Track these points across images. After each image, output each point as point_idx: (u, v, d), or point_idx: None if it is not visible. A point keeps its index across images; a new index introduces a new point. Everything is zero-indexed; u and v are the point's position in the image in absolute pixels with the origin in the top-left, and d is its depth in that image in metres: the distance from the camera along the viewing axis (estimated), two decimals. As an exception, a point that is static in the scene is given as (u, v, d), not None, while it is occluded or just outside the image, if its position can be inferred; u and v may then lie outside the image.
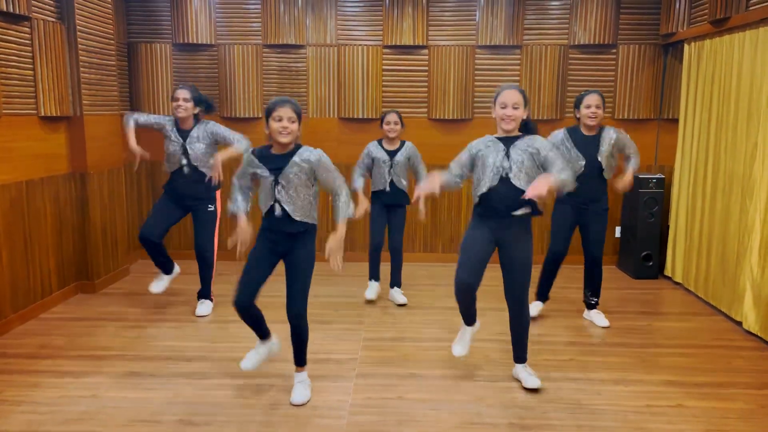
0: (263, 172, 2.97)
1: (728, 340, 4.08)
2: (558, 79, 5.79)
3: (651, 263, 5.50)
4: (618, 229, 5.96)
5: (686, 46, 5.21)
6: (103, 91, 5.03)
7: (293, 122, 2.89)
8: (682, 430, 2.89)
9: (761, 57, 4.11)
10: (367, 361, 3.68)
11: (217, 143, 4.31)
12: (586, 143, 4.05)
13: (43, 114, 4.43)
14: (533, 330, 4.00)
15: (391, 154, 4.57)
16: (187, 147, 4.24)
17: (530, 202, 3.05)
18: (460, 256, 3.21)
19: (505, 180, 3.07)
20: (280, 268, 3.11)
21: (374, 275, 4.79)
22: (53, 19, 4.52)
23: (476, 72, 5.85)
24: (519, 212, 3.07)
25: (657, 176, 5.43)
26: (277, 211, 2.97)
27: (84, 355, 3.72)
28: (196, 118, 4.30)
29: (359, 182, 4.62)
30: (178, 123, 4.28)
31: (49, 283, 4.58)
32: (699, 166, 4.98)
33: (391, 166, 4.56)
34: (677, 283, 5.32)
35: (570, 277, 5.27)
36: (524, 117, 3.12)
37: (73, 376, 3.44)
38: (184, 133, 4.26)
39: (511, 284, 3.22)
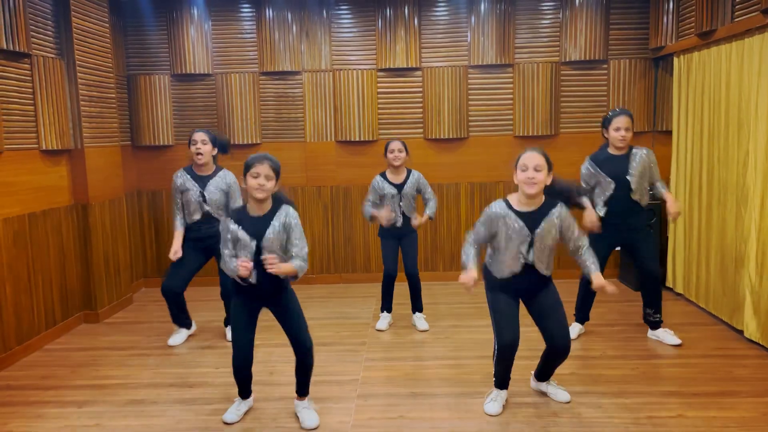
0: (243, 236, 2.91)
1: (730, 349, 4.07)
2: (551, 95, 5.86)
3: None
4: (617, 242, 5.97)
5: (676, 59, 5.28)
6: (103, 124, 5.13)
7: (270, 180, 2.86)
8: (684, 441, 2.89)
9: (748, 67, 4.16)
10: (368, 382, 3.70)
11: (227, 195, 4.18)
12: (615, 162, 3.99)
13: (44, 148, 4.52)
14: (530, 344, 4.01)
15: (399, 187, 4.42)
16: (206, 195, 4.12)
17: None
18: (497, 319, 3.11)
19: (529, 267, 3.03)
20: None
21: (387, 306, 4.67)
22: (53, 56, 4.64)
23: (470, 91, 5.93)
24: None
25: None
26: (255, 277, 2.92)
27: (87, 385, 3.75)
28: (215, 162, 4.21)
29: (369, 209, 4.46)
30: (192, 170, 4.18)
31: (53, 314, 4.62)
32: (694, 177, 5.02)
33: (400, 200, 4.42)
34: (678, 294, 5.32)
35: (567, 291, 5.27)
36: (548, 182, 2.97)
37: (77, 405, 3.46)
38: (201, 180, 4.14)
39: (550, 330, 3.10)
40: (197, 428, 3.15)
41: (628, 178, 3.97)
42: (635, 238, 4.08)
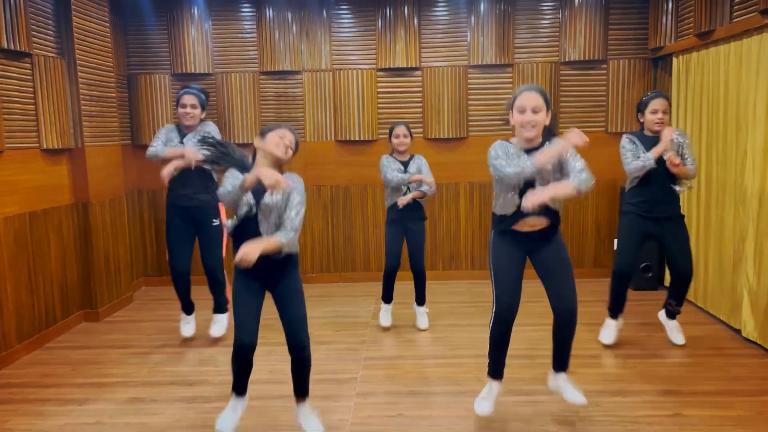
0: (248, 198, 2.75)
1: (728, 348, 4.09)
2: (551, 94, 5.87)
3: (650, 274, 5.52)
4: (615, 241, 5.98)
5: (674, 59, 5.29)
6: (103, 123, 5.14)
7: (291, 148, 2.82)
8: (681, 439, 2.91)
9: (746, 67, 4.18)
10: (367, 380, 3.71)
11: None
12: (652, 145, 3.78)
13: (45, 147, 4.53)
14: (530, 344, 4.03)
15: (404, 164, 4.44)
16: (185, 142, 4.12)
17: (548, 213, 2.81)
18: (497, 280, 2.90)
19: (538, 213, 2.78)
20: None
21: (387, 298, 4.59)
22: (54, 55, 4.65)
23: (469, 91, 5.94)
24: (535, 220, 2.82)
25: (652, 188, 5.47)
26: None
27: (88, 383, 3.77)
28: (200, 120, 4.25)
29: (402, 175, 4.33)
30: (179, 128, 4.21)
31: (54, 313, 4.64)
32: (692, 177, 5.03)
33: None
34: (677, 293, 5.33)
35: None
36: (546, 122, 2.75)
37: (77, 403, 3.48)
38: (183, 135, 4.20)
39: (555, 288, 2.86)
40: (197, 426, 3.17)
41: (665, 158, 3.72)
42: (667, 231, 3.87)
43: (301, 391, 3.00)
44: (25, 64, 4.37)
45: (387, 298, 4.61)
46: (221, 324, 4.45)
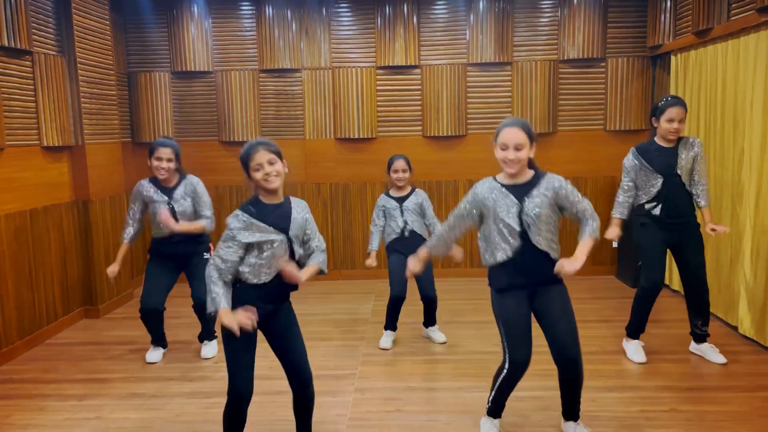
0: (270, 236, 2.46)
1: (725, 345, 4.09)
2: (549, 93, 5.89)
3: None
4: (614, 242, 6.01)
5: (673, 57, 5.31)
6: (103, 121, 5.17)
7: (274, 164, 2.46)
8: (676, 434, 2.94)
9: (743, 65, 4.20)
10: (366, 376, 3.74)
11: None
12: (664, 155, 3.66)
13: (45, 144, 4.56)
14: (542, 338, 4.05)
15: (400, 200, 4.18)
16: (174, 207, 3.85)
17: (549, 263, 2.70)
18: (508, 332, 2.74)
19: (526, 242, 2.67)
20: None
21: (391, 326, 4.28)
22: (54, 53, 4.67)
23: (468, 89, 5.97)
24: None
25: (650, 185, 5.49)
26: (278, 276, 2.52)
27: (88, 379, 3.79)
28: (180, 172, 3.95)
29: (375, 242, 4.24)
30: (156, 182, 3.90)
31: (54, 309, 4.66)
32: (690, 174, 5.04)
33: (402, 213, 4.16)
34: (675, 291, 5.35)
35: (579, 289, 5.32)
36: (531, 155, 2.68)
37: (78, 399, 3.51)
38: (167, 191, 3.88)
39: (557, 337, 2.73)
40: (197, 421, 3.20)
41: (678, 170, 3.65)
42: (684, 239, 3.74)
43: (306, 431, 2.76)
44: (25, 61, 4.39)
45: (392, 326, 4.28)
46: (213, 347, 4.19)
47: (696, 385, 3.49)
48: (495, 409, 2.93)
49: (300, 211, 2.59)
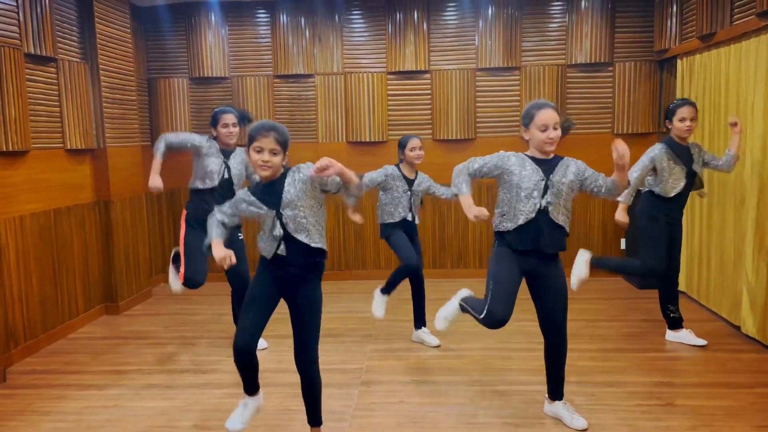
0: (260, 209, 2.61)
1: (726, 344, 4.17)
2: (557, 97, 5.99)
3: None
4: (623, 241, 6.08)
5: (679, 62, 5.38)
6: (124, 125, 5.38)
7: (276, 155, 2.52)
8: (669, 427, 3.01)
9: (745, 69, 4.26)
10: (372, 370, 3.86)
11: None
12: (683, 154, 3.90)
13: (69, 147, 4.77)
14: (529, 338, 4.14)
15: (410, 183, 4.22)
16: (230, 164, 4.07)
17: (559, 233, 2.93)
18: (494, 288, 2.92)
19: (543, 213, 2.87)
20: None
21: (388, 291, 4.26)
22: (78, 60, 4.89)
23: (477, 93, 6.08)
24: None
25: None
26: (283, 247, 2.60)
27: (107, 370, 3.97)
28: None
29: (370, 178, 4.19)
30: (215, 141, 4.10)
31: (76, 305, 4.86)
32: (696, 177, 5.11)
33: (410, 196, 4.21)
34: (681, 292, 5.38)
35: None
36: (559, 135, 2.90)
37: (97, 388, 3.68)
38: (225, 152, 4.09)
39: (548, 314, 2.97)
40: (208, 410, 3.35)
41: (695, 168, 3.90)
42: (677, 234, 4.09)
43: (311, 417, 2.82)
44: (50, 68, 4.60)
45: (388, 291, 4.27)
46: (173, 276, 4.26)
47: (693, 381, 3.56)
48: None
49: (293, 181, 2.56)
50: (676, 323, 4.22)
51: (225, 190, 4.05)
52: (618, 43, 5.92)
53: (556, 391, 3.11)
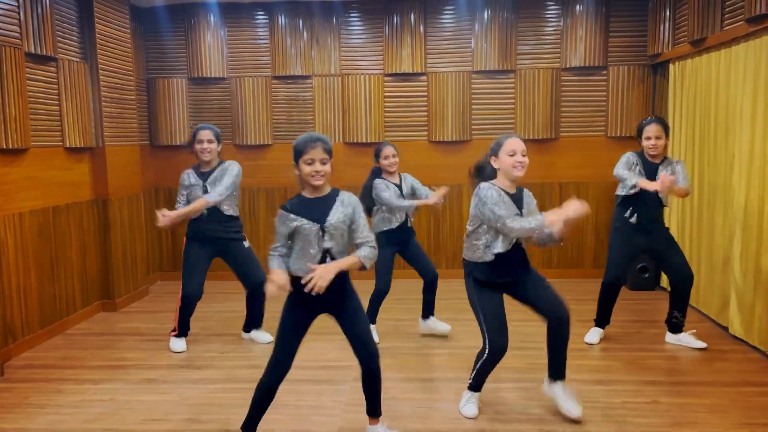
0: (303, 223, 2.64)
1: (714, 344, 4.22)
2: (551, 100, 6.06)
3: (647, 275, 5.66)
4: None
5: (671, 66, 5.45)
6: (123, 124, 5.44)
7: (325, 163, 2.62)
8: (653, 423, 3.08)
9: (734, 73, 4.33)
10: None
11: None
12: (650, 170, 4.04)
13: (68, 145, 4.83)
14: (522, 337, 4.19)
15: (399, 187, 4.33)
16: (208, 187, 4.09)
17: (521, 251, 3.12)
18: (488, 321, 3.06)
19: (517, 246, 3.08)
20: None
21: (372, 319, 4.35)
22: (77, 59, 4.96)
23: (473, 96, 6.15)
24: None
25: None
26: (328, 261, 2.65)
27: (103, 365, 4.03)
28: (218, 158, 4.21)
29: (405, 202, 4.24)
30: (198, 167, 4.18)
31: (74, 302, 4.93)
32: (687, 180, 5.18)
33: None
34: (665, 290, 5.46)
35: (567, 290, 5.45)
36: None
37: (93, 383, 3.74)
38: (204, 175, 4.14)
39: (546, 302, 3.08)
40: (201, 404, 3.41)
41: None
42: (660, 243, 4.10)
43: (373, 409, 2.93)
44: (50, 67, 4.67)
45: (372, 319, 4.35)
46: (265, 335, 4.43)
47: (679, 379, 3.63)
48: (475, 385, 3.25)
49: (345, 204, 2.68)
50: (674, 328, 4.22)
51: (213, 211, 4.11)
52: (612, 47, 5.99)
53: (557, 373, 3.18)
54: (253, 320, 4.48)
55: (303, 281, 2.55)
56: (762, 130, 3.97)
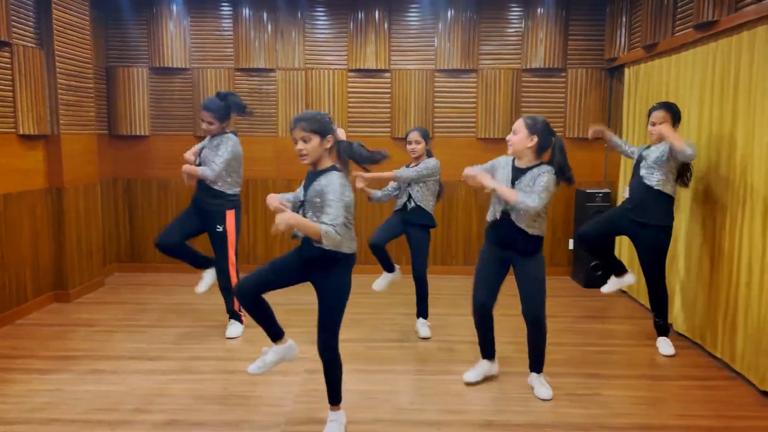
0: (297, 192, 2.91)
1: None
2: (512, 100, 6.16)
3: (599, 273, 5.81)
4: (571, 242, 6.29)
5: (626, 70, 5.60)
6: (80, 112, 5.35)
7: (309, 141, 2.68)
8: (593, 414, 3.18)
9: (683, 78, 4.48)
10: (318, 360, 3.92)
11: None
12: (648, 147, 4.13)
13: (21, 132, 4.74)
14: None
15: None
16: (201, 153, 4.24)
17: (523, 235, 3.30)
18: (475, 279, 3.44)
19: (506, 217, 3.28)
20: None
21: (386, 267, 4.39)
22: (33, 45, 4.86)
23: (435, 94, 6.22)
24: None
25: (603, 191, 5.79)
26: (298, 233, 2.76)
27: (53, 356, 3.98)
28: (226, 128, 4.26)
29: (379, 192, 4.44)
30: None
31: (25, 292, 4.84)
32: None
33: (408, 183, 4.30)
34: (623, 291, 5.63)
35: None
36: (528, 144, 3.22)
37: (41, 373, 3.69)
38: (207, 141, 4.31)
39: (525, 299, 3.32)
40: (152, 394, 3.40)
41: (644, 154, 4.03)
42: (638, 236, 4.05)
43: (330, 397, 2.98)
44: (4, 53, 4.57)
45: (387, 267, 4.41)
46: (236, 327, 4.41)
47: (623, 373, 3.75)
48: (481, 348, 3.62)
49: (323, 182, 2.68)
50: (659, 330, 4.19)
51: (201, 180, 4.19)
52: (571, 50, 6.12)
53: (535, 366, 3.49)
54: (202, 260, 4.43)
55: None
56: (707, 133, 4.12)
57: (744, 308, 3.62)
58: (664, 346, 4.11)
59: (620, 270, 4.31)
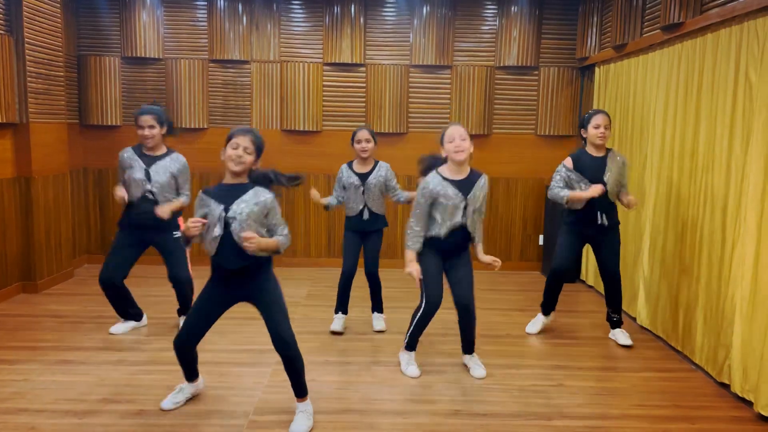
0: (215, 209, 2.77)
1: (622, 333, 4.49)
2: (485, 97, 6.24)
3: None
4: (541, 238, 6.40)
5: (597, 69, 5.71)
6: (50, 100, 5.28)
7: (249, 153, 2.77)
8: (558, 404, 3.27)
9: (650, 79, 4.60)
10: (288, 351, 3.97)
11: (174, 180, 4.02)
12: (594, 165, 4.03)
13: (-12, 120, 4.66)
14: (447, 324, 4.35)
15: (363, 177, 4.21)
16: (151, 173, 3.93)
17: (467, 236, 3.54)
18: (427, 280, 3.49)
19: (461, 227, 3.46)
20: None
21: (342, 308, 4.38)
22: (2, 32, 4.78)
23: (410, 89, 6.27)
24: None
25: (573, 187, 5.90)
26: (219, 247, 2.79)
27: (20, 347, 3.94)
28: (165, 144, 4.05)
29: (332, 199, 4.35)
30: (140, 147, 3.99)
31: (-9, 282, 4.77)
32: (607, 178, 5.45)
33: (363, 191, 4.20)
34: (590, 286, 5.75)
35: (522, 282, 5.64)
36: (471, 151, 3.39)
37: (8, 363, 3.66)
38: (149, 159, 3.96)
39: (458, 288, 3.51)
40: (120, 384, 3.39)
41: (605, 179, 3.99)
42: (603, 238, 4.14)
43: (296, 390, 3.03)
44: (-29, 38, 4.49)
45: (342, 308, 4.40)
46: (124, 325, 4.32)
47: (586, 365, 3.85)
48: (411, 344, 3.69)
49: (256, 197, 2.78)
50: (615, 324, 4.30)
51: (148, 199, 3.94)
52: (544, 48, 6.22)
53: (468, 348, 3.73)
54: (182, 306, 4.35)
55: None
56: (671, 133, 4.23)
57: (703, 303, 3.74)
58: (623, 337, 4.23)
59: (552, 309, 4.48)
